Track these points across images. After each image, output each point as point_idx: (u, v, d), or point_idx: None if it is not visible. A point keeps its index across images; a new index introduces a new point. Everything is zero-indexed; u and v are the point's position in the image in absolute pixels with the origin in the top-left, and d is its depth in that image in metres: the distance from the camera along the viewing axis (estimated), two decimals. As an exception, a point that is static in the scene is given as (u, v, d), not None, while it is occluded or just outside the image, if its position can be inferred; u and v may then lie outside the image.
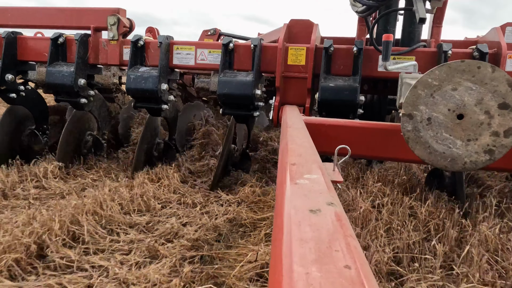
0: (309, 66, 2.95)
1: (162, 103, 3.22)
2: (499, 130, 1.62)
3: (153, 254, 2.04)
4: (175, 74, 3.37)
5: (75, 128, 3.58)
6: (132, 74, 3.13)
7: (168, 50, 3.18)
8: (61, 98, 3.45)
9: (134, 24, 3.39)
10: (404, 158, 2.35)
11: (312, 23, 3.16)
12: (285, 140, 1.57)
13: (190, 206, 2.79)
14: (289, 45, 3.00)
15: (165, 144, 3.70)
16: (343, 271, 0.54)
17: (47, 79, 3.32)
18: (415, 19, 2.48)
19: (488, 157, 1.65)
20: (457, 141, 1.65)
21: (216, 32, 5.57)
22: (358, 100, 2.77)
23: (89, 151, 3.72)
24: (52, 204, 2.61)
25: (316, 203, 0.81)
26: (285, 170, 1.09)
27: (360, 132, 2.22)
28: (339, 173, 1.40)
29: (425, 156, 1.70)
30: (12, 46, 3.47)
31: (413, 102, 1.67)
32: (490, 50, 2.72)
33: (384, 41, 2.38)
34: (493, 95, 1.60)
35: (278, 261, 0.60)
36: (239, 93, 2.94)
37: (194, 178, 3.38)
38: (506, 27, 3.27)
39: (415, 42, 3.09)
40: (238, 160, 3.60)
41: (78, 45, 3.29)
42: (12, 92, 3.52)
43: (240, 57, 3.09)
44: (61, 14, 3.46)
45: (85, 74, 3.37)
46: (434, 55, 2.84)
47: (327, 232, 0.67)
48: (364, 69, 2.86)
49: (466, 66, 1.59)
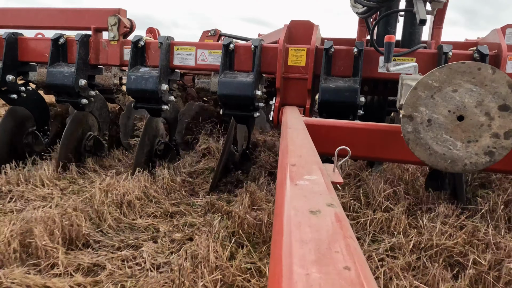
0: (309, 67, 2.95)
1: (163, 103, 3.22)
2: (500, 132, 1.62)
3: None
4: (176, 74, 3.37)
5: (76, 129, 3.58)
6: (132, 74, 3.13)
7: (168, 50, 3.19)
8: (62, 99, 3.45)
9: (135, 24, 3.39)
10: (404, 160, 2.36)
11: (313, 24, 3.16)
12: (285, 141, 1.58)
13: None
14: (290, 46, 3.01)
15: (165, 144, 3.70)
16: (343, 272, 0.54)
17: (48, 80, 3.33)
18: (416, 21, 2.48)
19: (488, 159, 1.65)
20: (457, 143, 1.65)
21: (217, 33, 5.57)
22: (358, 101, 2.77)
23: (90, 151, 3.72)
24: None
25: (316, 204, 0.81)
26: (285, 171, 1.09)
27: (360, 133, 2.22)
28: (339, 174, 1.41)
29: (425, 158, 1.70)
30: (13, 47, 3.48)
31: (413, 103, 1.67)
32: (491, 52, 2.72)
33: (386, 43, 2.38)
34: (494, 97, 1.60)
35: (277, 262, 0.60)
36: (240, 94, 2.94)
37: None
38: (507, 29, 3.27)
39: (416, 44, 3.09)
40: (238, 161, 3.61)
41: (79, 45, 3.29)
42: (13, 93, 3.53)
43: (241, 58, 3.09)
44: (61, 14, 3.46)
45: (86, 74, 3.37)
46: (434, 56, 2.84)
47: (327, 233, 0.67)
48: (365, 70, 2.86)
49: (467, 68, 1.59)
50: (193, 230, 2.43)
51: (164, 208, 2.76)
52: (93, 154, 3.74)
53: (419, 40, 3.23)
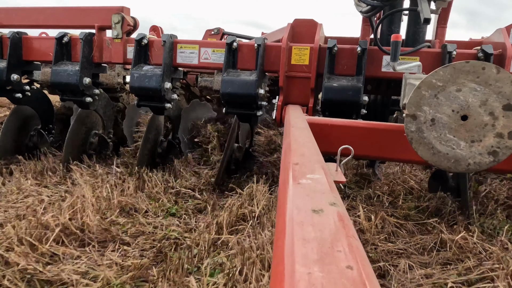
0: (312, 66, 2.94)
1: (166, 101, 3.22)
2: (504, 132, 1.61)
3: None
4: (179, 73, 3.38)
5: (81, 127, 3.60)
6: (135, 72, 3.14)
7: (171, 48, 3.19)
8: (66, 98, 3.46)
9: (138, 22, 3.40)
10: (407, 159, 2.35)
11: (316, 23, 3.15)
12: (288, 139, 1.58)
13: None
14: (293, 45, 3.00)
15: (169, 142, 3.71)
16: (345, 271, 0.54)
17: (52, 79, 3.34)
18: (420, 20, 2.46)
19: (492, 159, 1.64)
20: (461, 142, 1.65)
21: (220, 32, 5.57)
22: (361, 100, 2.76)
23: (95, 150, 3.73)
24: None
25: (318, 203, 0.81)
26: (288, 169, 1.10)
27: (363, 133, 2.22)
28: (342, 173, 1.41)
29: (428, 157, 1.69)
30: (17, 46, 3.49)
31: (416, 102, 1.66)
32: (495, 51, 2.70)
33: (392, 42, 2.37)
34: (498, 96, 1.59)
35: (280, 261, 0.60)
36: (243, 92, 2.94)
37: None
38: (511, 29, 3.25)
39: (420, 43, 3.08)
40: (241, 159, 3.61)
41: (83, 44, 3.30)
42: (17, 92, 3.55)
43: (244, 56, 3.09)
44: (65, 13, 3.47)
45: (90, 73, 3.38)
46: (438, 55, 2.83)
47: (330, 232, 0.67)
48: (368, 69, 2.86)
49: (471, 67, 1.59)
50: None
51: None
52: (98, 153, 3.75)
53: (423, 39, 3.22)
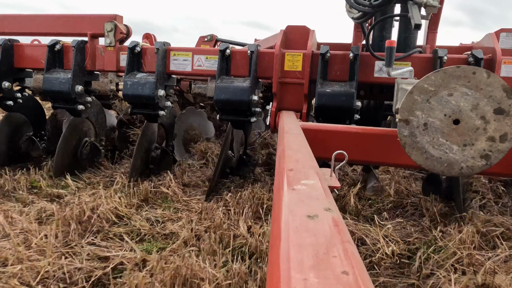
0: (305, 72, 2.96)
1: (159, 109, 3.21)
2: (495, 135, 1.63)
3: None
4: (172, 80, 3.37)
5: (72, 135, 3.57)
6: (129, 80, 3.13)
7: (165, 56, 3.19)
8: (58, 105, 3.44)
9: (131, 30, 3.40)
10: (400, 164, 2.36)
11: (309, 29, 3.18)
12: (282, 145, 1.58)
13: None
14: (286, 51, 3.02)
15: (162, 150, 3.69)
16: (341, 277, 0.54)
17: (44, 86, 3.32)
18: (411, 25, 2.50)
19: (484, 162, 1.66)
20: (453, 146, 1.66)
21: (213, 38, 5.58)
22: (354, 106, 2.78)
23: (86, 157, 3.70)
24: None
25: (313, 208, 0.81)
26: (282, 175, 1.09)
27: (357, 138, 2.23)
28: (336, 179, 1.41)
29: (421, 161, 1.70)
30: (9, 53, 3.47)
31: (409, 107, 1.68)
32: (485, 56, 2.74)
33: (387, 47, 2.39)
34: (489, 101, 1.61)
35: (275, 267, 0.60)
36: (236, 99, 2.95)
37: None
38: (500, 33, 3.30)
39: (411, 48, 3.11)
40: (235, 166, 3.60)
41: (75, 51, 3.29)
42: (9, 99, 3.53)
43: (237, 63, 3.10)
44: (58, 21, 3.46)
45: (82, 80, 3.36)
46: (429, 60, 2.86)
47: (325, 238, 0.67)
48: (361, 74, 2.88)
49: (462, 72, 1.60)
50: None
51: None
52: (89, 161, 3.72)
53: (414, 45, 3.25)
